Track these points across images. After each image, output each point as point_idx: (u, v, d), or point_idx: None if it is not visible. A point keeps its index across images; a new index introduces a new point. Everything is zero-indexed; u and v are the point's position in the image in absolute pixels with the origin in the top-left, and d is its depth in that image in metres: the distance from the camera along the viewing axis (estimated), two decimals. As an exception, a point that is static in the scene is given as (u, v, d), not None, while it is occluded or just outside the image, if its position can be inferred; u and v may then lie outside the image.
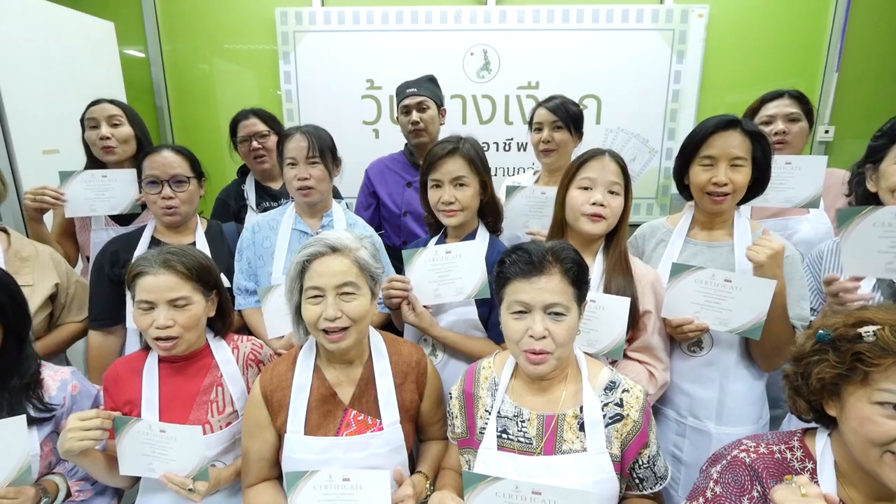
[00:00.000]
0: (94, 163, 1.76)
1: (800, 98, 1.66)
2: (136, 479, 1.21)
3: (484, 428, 1.02)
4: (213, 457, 1.17)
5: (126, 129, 1.73)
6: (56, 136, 2.20)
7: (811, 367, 0.76)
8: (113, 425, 1.08)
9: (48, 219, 1.78)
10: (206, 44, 3.00)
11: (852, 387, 0.72)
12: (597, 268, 1.26)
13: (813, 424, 0.84)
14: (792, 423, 1.31)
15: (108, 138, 1.69)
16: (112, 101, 1.75)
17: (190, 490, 1.06)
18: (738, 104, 2.82)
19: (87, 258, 1.79)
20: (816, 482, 0.75)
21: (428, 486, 1.09)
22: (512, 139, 2.92)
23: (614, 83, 2.84)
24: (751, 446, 0.84)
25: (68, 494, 1.12)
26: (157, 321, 1.10)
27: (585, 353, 1.10)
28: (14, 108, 2.02)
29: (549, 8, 2.76)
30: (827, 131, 2.95)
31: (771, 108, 1.67)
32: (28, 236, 1.66)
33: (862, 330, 0.71)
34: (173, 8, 2.95)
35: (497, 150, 2.94)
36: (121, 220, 1.75)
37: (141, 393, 1.17)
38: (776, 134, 1.63)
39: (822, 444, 0.79)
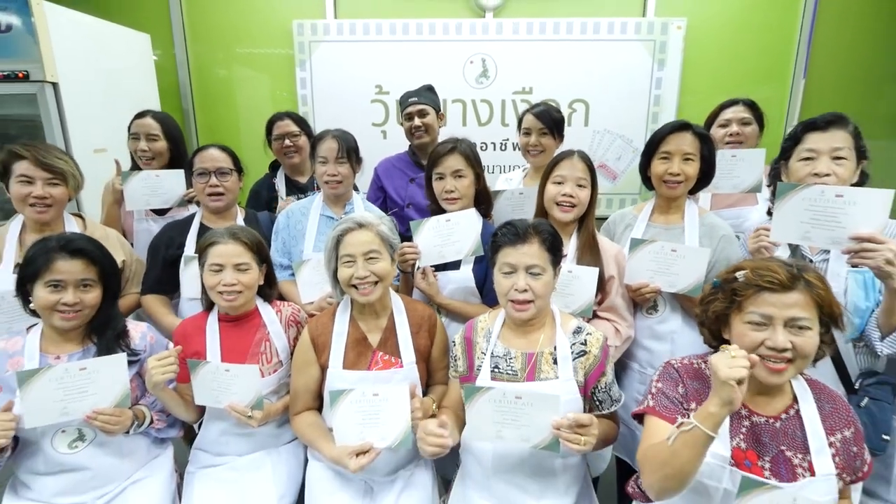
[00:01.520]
0: (137, 166, 2.05)
1: (752, 105, 1.95)
2: (200, 415, 1.50)
3: (480, 366, 1.31)
4: (264, 396, 1.45)
5: (161, 144, 2.01)
6: (104, 137, 2.49)
7: (710, 306, 1.06)
8: (188, 367, 1.37)
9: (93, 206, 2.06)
10: (229, 52, 3.28)
11: (734, 314, 1.02)
12: (571, 246, 1.56)
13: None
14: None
15: (146, 151, 1.99)
16: (154, 116, 2.02)
17: (249, 417, 1.35)
18: (713, 107, 3.14)
19: (131, 244, 2.07)
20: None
21: (434, 406, 1.38)
22: (508, 140, 3.19)
23: (601, 89, 3.11)
24: (677, 359, 1.14)
25: (151, 422, 1.41)
26: (224, 280, 1.39)
27: (564, 312, 1.39)
28: (71, 113, 2.31)
29: (541, 21, 3.04)
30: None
31: (728, 113, 1.96)
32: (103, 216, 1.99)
33: (737, 273, 1.01)
34: (199, 20, 3.23)
35: (494, 149, 3.21)
36: (158, 211, 2.03)
37: (205, 345, 1.46)
38: (731, 134, 1.92)
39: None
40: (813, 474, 0.97)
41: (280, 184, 2.18)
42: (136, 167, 2.04)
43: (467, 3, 3.16)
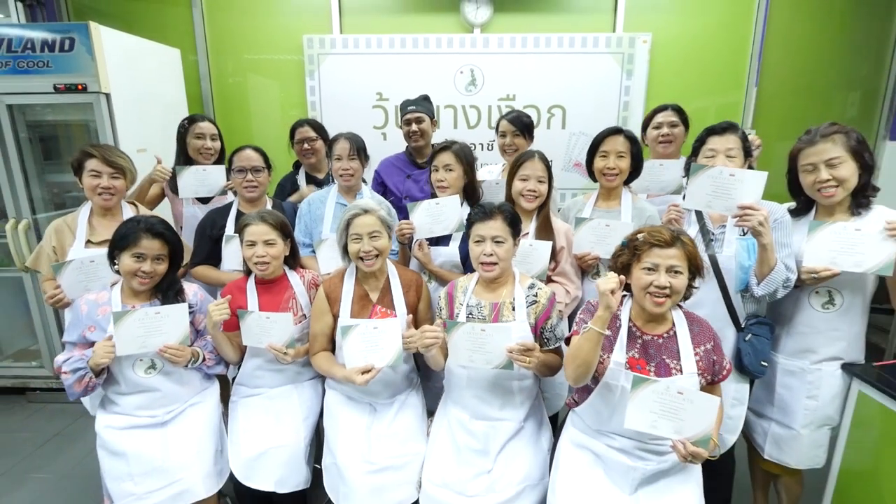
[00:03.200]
0: (187, 158, 2.46)
1: (679, 110, 2.35)
2: (241, 356, 1.90)
3: (458, 313, 1.72)
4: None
5: (219, 143, 2.46)
6: (145, 139, 2.90)
7: (618, 259, 1.46)
8: (238, 316, 1.78)
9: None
10: (246, 64, 3.69)
11: (634, 265, 1.42)
12: (531, 226, 1.97)
13: (623, 293, 1.52)
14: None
15: (209, 149, 2.42)
16: (211, 120, 2.47)
17: (284, 353, 1.76)
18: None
19: (181, 227, 2.48)
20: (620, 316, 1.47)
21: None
22: (494, 141, 3.53)
23: (577, 96, 3.50)
24: (594, 300, 1.54)
25: (203, 359, 1.82)
26: (256, 252, 1.80)
27: (523, 274, 1.80)
28: (120, 118, 2.72)
29: (523, 36, 3.44)
30: (749, 134, 3.64)
31: (659, 117, 2.36)
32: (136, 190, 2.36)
33: (638, 235, 1.42)
34: (219, 36, 3.64)
35: (482, 149, 3.60)
36: (202, 200, 2.44)
37: (246, 302, 1.87)
38: (663, 135, 2.33)
39: (627, 300, 1.51)
40: (681, 373, 1.39)
41: (301, 179, 2.60)
42: (188, 162, 2.44)
43: (457, 20, 3.57)
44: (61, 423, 2.88)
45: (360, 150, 2.14)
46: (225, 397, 1.98)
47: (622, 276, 1.37)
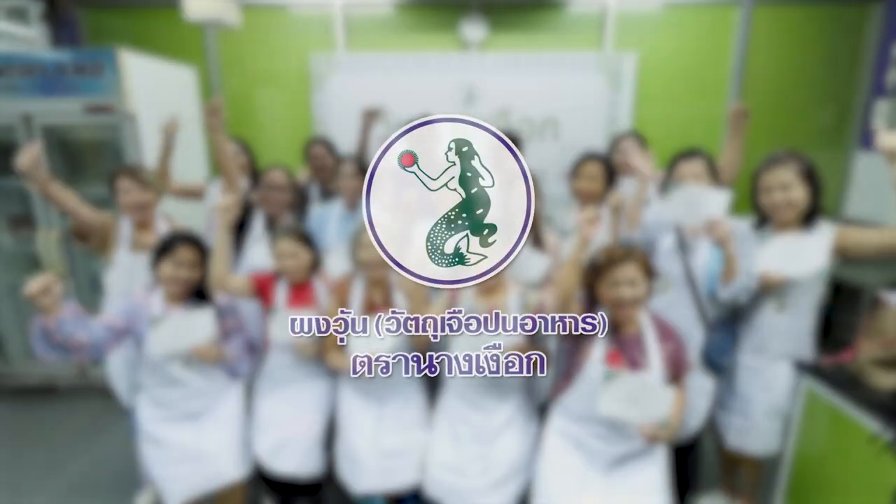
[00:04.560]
0: None
1: (638, 137, 2.61)
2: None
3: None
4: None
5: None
6: (165, 154, 3.12)
7: (586, 281, 1.69)
8: (269, 314, 2.01)
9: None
10: (257, 81, 3.92)
11: (599, 280, 1.65)
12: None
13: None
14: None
15: None
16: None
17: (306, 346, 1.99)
18: (660, 123, 3.79)
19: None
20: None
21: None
22: None
23: (568, 110, 3.73)
24: None
25: (229, 360, 2.04)
26: (286, 265, 2.01)
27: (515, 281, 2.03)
28: (144, 135, 2.94)
29: (517, 54, 3.69)
30: (731, 146, 3.88)
31: (622, 144, 2.62)
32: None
33: (598, 257, 1.65)
34: (232, 55, 3.88)
35: (479, 161, 3.86)
36: None
37: (275, 298, 2.08)
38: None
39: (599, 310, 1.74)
40: (649, 367, 1.62)
41: (314, 189, 2.85)
42: None
43: (456, 39, 3.81)
44: (89, 418, 3.10)
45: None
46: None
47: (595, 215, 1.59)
